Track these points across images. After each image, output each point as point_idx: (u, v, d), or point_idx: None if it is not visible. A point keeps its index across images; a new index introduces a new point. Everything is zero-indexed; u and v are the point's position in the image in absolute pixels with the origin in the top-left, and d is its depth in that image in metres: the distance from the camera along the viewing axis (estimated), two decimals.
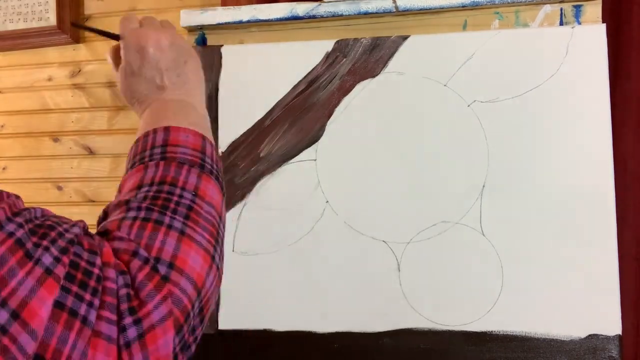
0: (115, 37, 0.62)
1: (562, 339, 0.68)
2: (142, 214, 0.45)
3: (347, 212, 0.74)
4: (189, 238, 0.45)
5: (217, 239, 0.48)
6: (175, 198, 0.47)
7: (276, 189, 0.76)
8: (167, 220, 0.45)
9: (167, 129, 0.53)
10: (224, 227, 0.51)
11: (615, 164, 0.69)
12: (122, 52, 0.61)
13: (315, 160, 0.75)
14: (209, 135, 0.57)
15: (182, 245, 0.44)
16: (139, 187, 0.49)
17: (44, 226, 0.41)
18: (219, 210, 0.50)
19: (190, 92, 0.62)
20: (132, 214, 0.46)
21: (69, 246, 0.40)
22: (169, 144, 0.52)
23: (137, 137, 0.56)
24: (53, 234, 0.40)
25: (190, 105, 0.61)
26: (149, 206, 0.46)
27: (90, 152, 1.39)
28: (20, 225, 0.39)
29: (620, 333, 0.67)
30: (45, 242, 0.39)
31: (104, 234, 0.45)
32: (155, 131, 0.53)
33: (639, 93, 0.92)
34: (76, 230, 0.42)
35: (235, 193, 0.77)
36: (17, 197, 0.43)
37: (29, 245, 0.38)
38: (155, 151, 0.51)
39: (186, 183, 0.49)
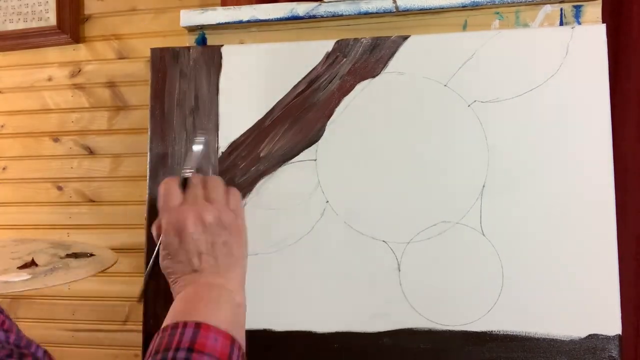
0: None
1: (562, 339, 0.68)
2: None
3: (347, 212, 0.74)
4: None
5: None
6: None
7: (276, 189, 0.76)
8: None
9: (197, 327, 0.51)
10: None
11: (615, 164, 0.69)
12: (162, 230, 0.59)
13: (315, 160, 0.75)
14: (240, 331, 0.54)
15: None
16: None
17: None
18: None
19: (228, 275, 0.59)
20: None
21: None
22: (195, 350, 0.49)
23: (165, 324, 0.53)
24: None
25: (226, 292, 0.58)
26: None
27: (90, 152, 1.39)
28: None
29: (620, 333, 0.67)
30: None
31: None
32: (184, 326, 0.51)
33: (639, 93, 0.92)
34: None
35: None
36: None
37: None
38: (180, 356, 0.48)
39: None
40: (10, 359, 0.39)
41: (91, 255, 1.01)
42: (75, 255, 1.00)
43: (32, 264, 0.91)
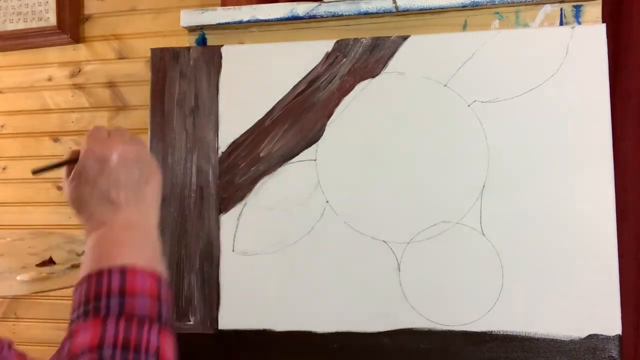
0: (74, 161, 0.57)
1: (562, 339, 0.68)
2: None
3: (347, 212, 0.74)
4: None
5: None
6: None
7: (276, 189, 0.76)
8: None
9: (123, 272, 0.50)
10: None
11: (615, 164, 0.69)
12: (80, 156, 0.57)
13: (315, 160, 0.75)
14: (161, 267, 0.54)
15: None
16: (100, 347, 0.46)
17: None
18: None
19: (144, 213, 0.58)
20: None
21: None
22: (127, 294, 0.49)
23: (87, 272, 0.51)
24: None
25: (144, 231, 0.57)
26: None
27: None
28: None
29: (620, 333, 0.67)
30: None
31: None
32: (110, 273, 0.50)
33: (639, 93, 0.92)
34: None
35: (235, 193, 0.77)
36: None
37: None
38: (113, 302, 0.48)
39: (148, 346, 0.47)
40: None
41: None
42: None
43: (50, 262, 0.91)
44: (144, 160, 0.59)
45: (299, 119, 0.76)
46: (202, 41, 0.82)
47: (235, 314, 0.76)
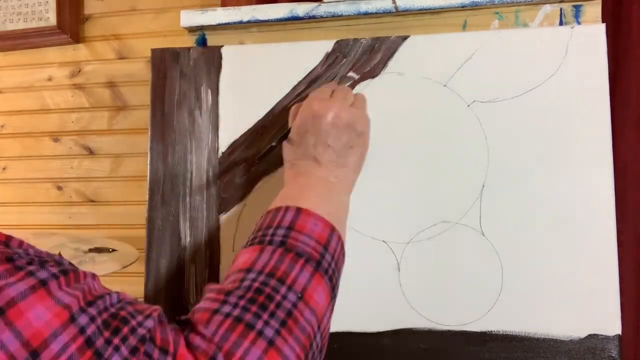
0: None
1: (562, 338, 0.68)
2: (237, 312, 0.43)
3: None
4: (276, 350, 0.42)
5: (309, 353, 0.44)
6: (277, 298, 0.45)
7: (276, 190, 0.75)
8: (259, 325, 0.42)
9: (298, 211, 0.52)
10: (322, 336, 0.48)
11: (614, 164, 0.69)
12: (300, 109, 0.61)
13: None
14: (342, 226, 0.56)
15: (265, 358, 0.41)
16: (248, 270, 0.47)
17: (117, 317, 0.39)
18: (320, 318, 0.47)
19: (341, 175, 0.61)
20: (226, 309, 0.43)
21: (139, 345, 0.38)
22: (294, 229, 0.50)
23: (270, 207, 0.54)
24: (125, 329, 0.39)
25: (336, 189, 0.59)
26: (247, 305, 0.43)
27: (91, 152, 1.39)
28: (93, 319, 0.38)
29: (620, 333, 0.67)
30: (116, 340, 0.38)
31: (189, 324, 0.43)
32: (286, 209, 0.53)
33: (639, 93, 0.92)
34: (149, 323, 0.40)
35: (235, 193, 0.77)
36: (94, 276, 0.44)
37: (99, 343, 0.37)
38: (278, 232, 0.50)
39: (295, 282, 0.46)
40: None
41: (113, 250, 1.01)
42: (98, 250, 1.00)
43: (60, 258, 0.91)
44: (354, 128, 0.61)
45: None
46: (202, 41, 0.82)
47: None
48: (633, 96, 0.92)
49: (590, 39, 0.71)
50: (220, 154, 0.78)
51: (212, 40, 0.82)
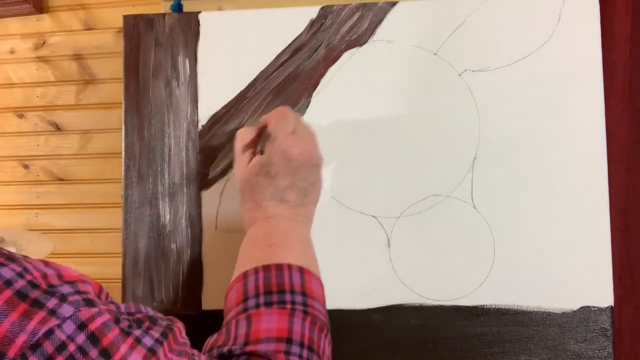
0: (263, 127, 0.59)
1: (554, 311, 0.68)
2: None
3: (335, 186, 0.71)
4: None
5: None
6: None
7: None
8: None
9: (302, 272, 0.53)
10: None
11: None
12: (267, 147, 0.58)
13: None
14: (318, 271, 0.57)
15: None
16: (289, 341, 0.48)
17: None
18: None
19: (308, 214, 0.61)
20: None
21: None
22: (309, 295, 0.52)
23: (261, 263, 0.53)
24: None
25: (306, 229, 0.60)
26: None
27: (58, 128, 1.33)
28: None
29: (613, 304, 0.67)
30: None
31: None
32: (290, 268, 0.53)
33: (625, 63, 0.91)
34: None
35: (217, 168, 0.73)
36: (182, 327, 0.46)
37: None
38: (297, 299, 0.51)
39: (324, 353, 0.50)
40: (135, 329, 0.40)
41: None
42: None
43: None
44: (319, 165, 0.61)
45: (283, 90, 0.73)
46: (177, 7, 0.78)
47: (220, 294, 0.72)
48: (619, 67, 0.91)
49: (583, 6, 0.69)
50: (200, 127, 0.74)
51: (188, 6, 0.78)
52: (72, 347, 0.35)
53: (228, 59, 0.74)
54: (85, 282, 0.40)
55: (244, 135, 0.61)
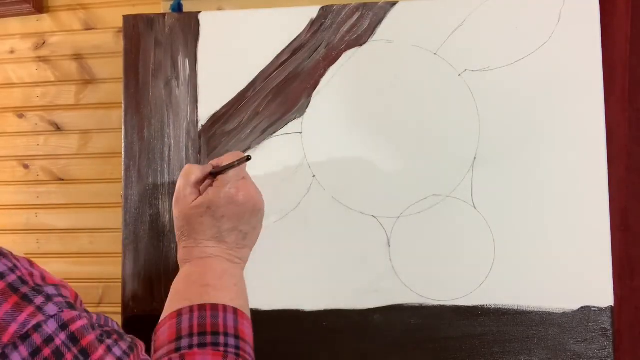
0: (229, 167, 0.60)
1: (555, 311, 0.68)
2: None
3: (335, 186, 0.71)
4: None
5: None
6: None
7: (260, 164, 0.72)
8: None
9: (236, 314, 0.54)
10: None
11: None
12: (216, 190, 0.59)
13: (300, 133, 0.72)
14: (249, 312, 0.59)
15: None
16: None
17: None
18: None
19: (244, 257, 0.62)
20: None
21: None
22: (241, 338, 0.53)
23: (197, 302, 0.54)
24: None
25: (241, 270, 0.61)
26: None
27: (58, 128, 1.33)
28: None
29: (613, 304, 0.67)
30: None
31: None
32: (225, 309, 0.54)
33: (624, 63, 0.91)
34: None
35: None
36: (142, 346, 0.47)
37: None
38: (230, 342, 0.52)
39: None
40: (106, 338, 0.42)
41: None
42: None
43: None
44: (262, 210, 0.63)
45: (283, 89, 0.73)
46: (177, 7, 0.78)
47: None
48: (618, 67, 0.91)
49: (583, 6, 0.69)
50: (200, 126, 0.74)
51: (188, 5, 0.78)
52: (58, 342, 0.37)
53: (228, 59, 0.74)
54: (65, 288, 0.42)
55: (189, 173, 0.62)
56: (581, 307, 0.67)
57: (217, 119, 0.74)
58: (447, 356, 0.69)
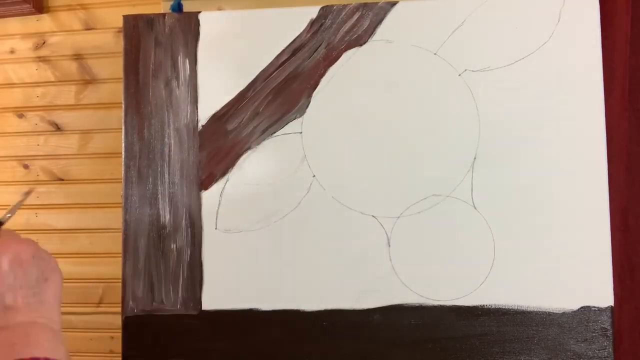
0: None
1: (555, 311, 0.68)
2: None
3: (335, 186, 0.71)
4: None
5: None
6: None
7: (260, 164, 0.73)
8: None
9: None
10: None
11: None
12: None
13: (300, 133, 0.72)
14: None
15: None
16: None
17: None
18: None
19: (47, 314, 0.55)
20: None
21: None
22: None
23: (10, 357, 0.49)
24: None
25: (51, 332, 0.54)
26: None
27: (58, 128, 1.33)
28: None
29: (613, 304, 0.67)
30: None
31: None
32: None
33: (625, 65, 0.91)
34: None
35: (217, 168, 0.73)
36: None
37: None
38: None
39: None
40: None
41: None
42: None
43: None
44: (41, 257, 0.55)
45: (283, 89, 0.73)
46: (178, 7, 0.78)
47: (220, 293, 0.73)
48: (618, 66, 0.91)
49: (583, 6, 0.69)
50: (200, 126, 0.74)
51: (188, 6, 0.78)
52: None
53: (228, 59, 0.74)
54: None
55: None
56: (581, 307, 0.67)
57: (217, 119, 0.74)
58: (447, 356, 0.69)
